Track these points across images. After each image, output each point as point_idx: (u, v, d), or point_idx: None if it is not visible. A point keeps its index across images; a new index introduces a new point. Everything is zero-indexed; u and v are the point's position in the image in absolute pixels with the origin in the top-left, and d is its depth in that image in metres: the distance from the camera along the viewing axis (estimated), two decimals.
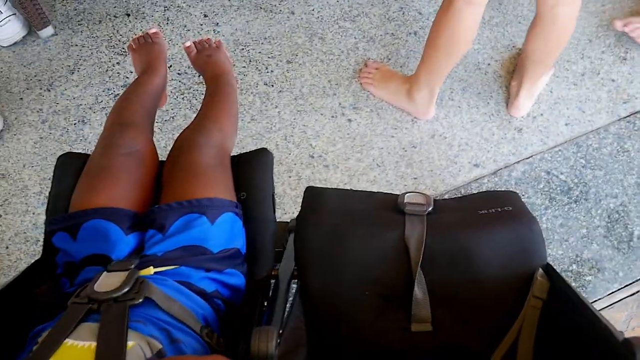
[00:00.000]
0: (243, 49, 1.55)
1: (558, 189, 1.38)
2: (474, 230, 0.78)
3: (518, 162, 1.40)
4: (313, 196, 0.88)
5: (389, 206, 0.85)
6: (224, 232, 0.77)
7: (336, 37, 1.56)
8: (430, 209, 0.82)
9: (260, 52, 1.54)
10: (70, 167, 0.87)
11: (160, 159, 0.90)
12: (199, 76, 1.46)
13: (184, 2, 1.62)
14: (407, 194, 0.85)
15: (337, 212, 0.84)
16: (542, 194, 1.37)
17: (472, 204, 0.86)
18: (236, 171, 0.87)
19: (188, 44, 1.18)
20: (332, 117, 1.46)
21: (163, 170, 0.86)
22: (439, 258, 0.78)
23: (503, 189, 1.33)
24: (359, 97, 1.48)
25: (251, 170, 0.88)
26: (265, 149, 0.91)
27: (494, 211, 0.82)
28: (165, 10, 1.61)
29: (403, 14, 1.59)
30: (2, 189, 1.37)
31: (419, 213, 0.82)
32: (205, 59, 1.15)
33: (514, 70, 1.50)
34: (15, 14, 1.51)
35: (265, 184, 0.87)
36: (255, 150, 0.91)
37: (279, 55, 1.54)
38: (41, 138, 1.42)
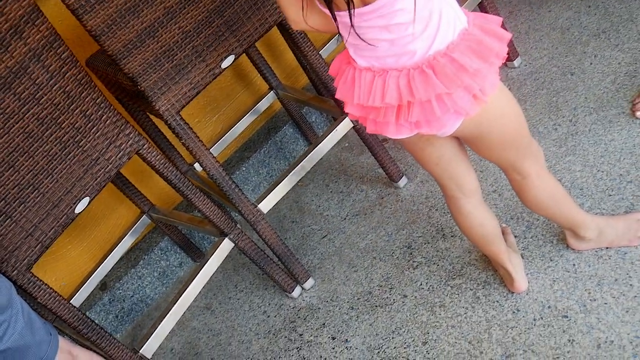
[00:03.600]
0: (379, 351, 1.57)
1: None
2: None
3: None
4: None
5: None
6: None
7: (454, 298, 1.57)
8: None
9: (395, 347, 1.56)
10: None
11: None
12: None
13: (310, 336, 1.72)
14: None
15: None
16: None
17: None
18: None
19: None
20: None
21: None
22: None
23: None
24: (504, 344, 1.42)
25: None
26: None
27: None
28: (298, 350, 1.70)
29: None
30: None
31: None
32: None
33: None
34: None
35: None
36: None
37: (412, 340, 1.55)
38: None
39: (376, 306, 1.68)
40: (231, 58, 1.58)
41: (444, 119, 1.06)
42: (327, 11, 1.01)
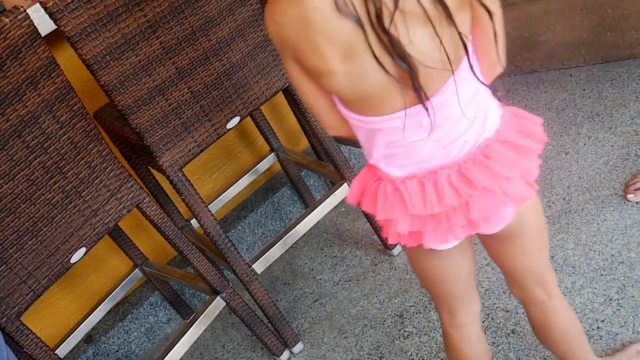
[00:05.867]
0: None
1: None
2: None
3: None
4: None
5: None
6: None
7: None
8: None
9: None
10: None
11: None
12: None
13: None
14: None
15: None
16: None
17: None
18: None
19: None
20: None
21: None
22: None
23: None
24: None
25: None
26: None
27: None
28: None
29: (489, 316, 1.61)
30: None
31: None
32: None
33: None
34: None
35: None
36: None
37: None
38: None
39: None
40: (236, 119, 1.62)
41: (503, 211, 0.95)
42: (359, 118, 0.89)
